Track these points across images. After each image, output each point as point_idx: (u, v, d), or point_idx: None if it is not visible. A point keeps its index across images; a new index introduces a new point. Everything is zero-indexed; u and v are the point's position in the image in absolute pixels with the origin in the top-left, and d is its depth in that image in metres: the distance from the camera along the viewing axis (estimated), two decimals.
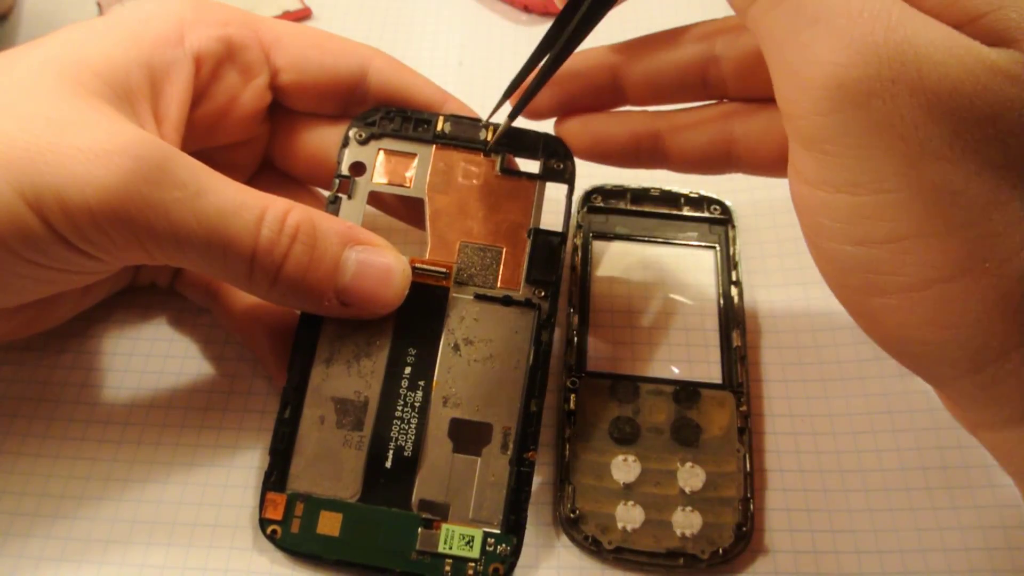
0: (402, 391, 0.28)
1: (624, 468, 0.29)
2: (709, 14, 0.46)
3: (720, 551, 0.27)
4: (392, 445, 0.27)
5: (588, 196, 0.35)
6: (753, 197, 0.36)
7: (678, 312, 0.33)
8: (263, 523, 0.26)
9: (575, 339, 0.31)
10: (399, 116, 0.30)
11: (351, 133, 0.30)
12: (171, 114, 0.27)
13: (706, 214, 0.35)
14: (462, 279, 0.29)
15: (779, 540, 0.28)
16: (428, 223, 0.29)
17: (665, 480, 0.29)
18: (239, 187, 0.25)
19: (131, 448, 0.30)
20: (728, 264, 0.34)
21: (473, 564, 0.26)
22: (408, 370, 0.28)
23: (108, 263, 0.25)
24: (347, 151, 0.30)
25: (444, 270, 0.29)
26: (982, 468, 0.29)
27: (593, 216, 0.35)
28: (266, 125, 0.32)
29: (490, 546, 0.26)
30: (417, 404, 0.27)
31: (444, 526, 0.26)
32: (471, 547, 0.26)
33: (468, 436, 0.27)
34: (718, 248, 0.34)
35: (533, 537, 0.28)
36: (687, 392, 0.30)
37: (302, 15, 0.44)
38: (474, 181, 0.30)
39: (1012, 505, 0.28)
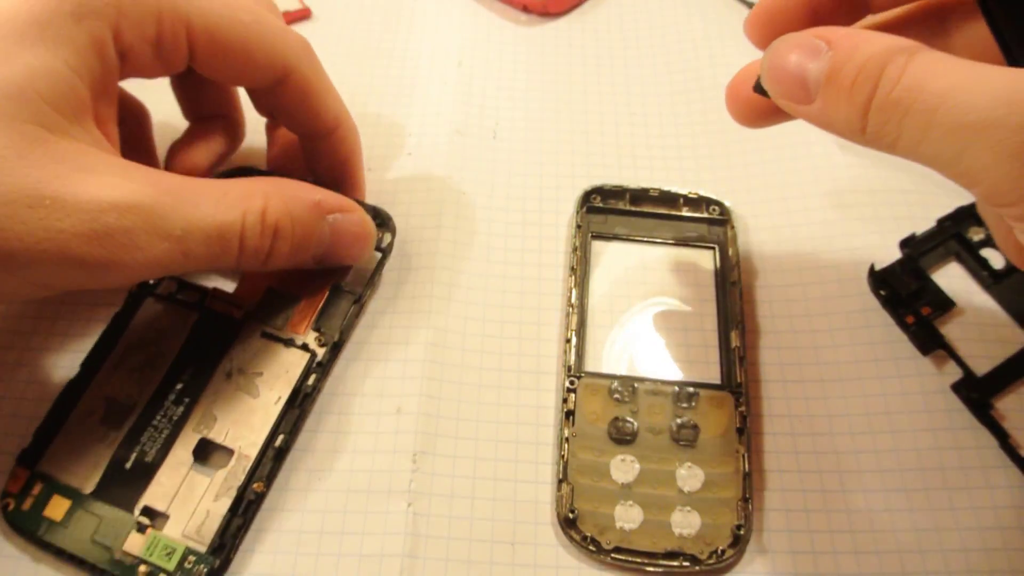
0: (167, 403, 0.29)
1: (623, 468, 0.29)
2: (708, 13, 0.46)
3: (718, 551, 0.27)
4: (137, 450, 0.28)
5: (588, 196, 0.35)
6: (752, 197, 0.36)
7: (677, 312, 0.33)
8: (2, 495, 0.28)
9: (574, 339, 0.31)
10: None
11: None
12: (110, 113, 0.27)
13: (705, 215, 0.35)
14: (258, 317, 0.31)
15: (777, 540, 0.28)
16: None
17: (664, 480, 0.29)
18: (216, 203, 0.26)
19: None
20: (727, 264, 0.34)
21: (164, 575, 0.26)
22: (180, 386, 0.29)
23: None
24: None
25: (240, 304, 0.31)
26: (980, 469, 0.29)
27: (592, 216, 0.35)
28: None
29: (189, 563, 0.27)
30: (175, 418, 0.29)
31: (152, 532, 0.27)
32: (170, 559, 0.27)
33: (210, 457, 0.28)
34: (717, 248, 0.34)
35: (532, 537, 0.28)
36: (686, 392, 0.30)
37: (301, 15, 0.44)
38: None
39: (1010, 507, 0.28)
